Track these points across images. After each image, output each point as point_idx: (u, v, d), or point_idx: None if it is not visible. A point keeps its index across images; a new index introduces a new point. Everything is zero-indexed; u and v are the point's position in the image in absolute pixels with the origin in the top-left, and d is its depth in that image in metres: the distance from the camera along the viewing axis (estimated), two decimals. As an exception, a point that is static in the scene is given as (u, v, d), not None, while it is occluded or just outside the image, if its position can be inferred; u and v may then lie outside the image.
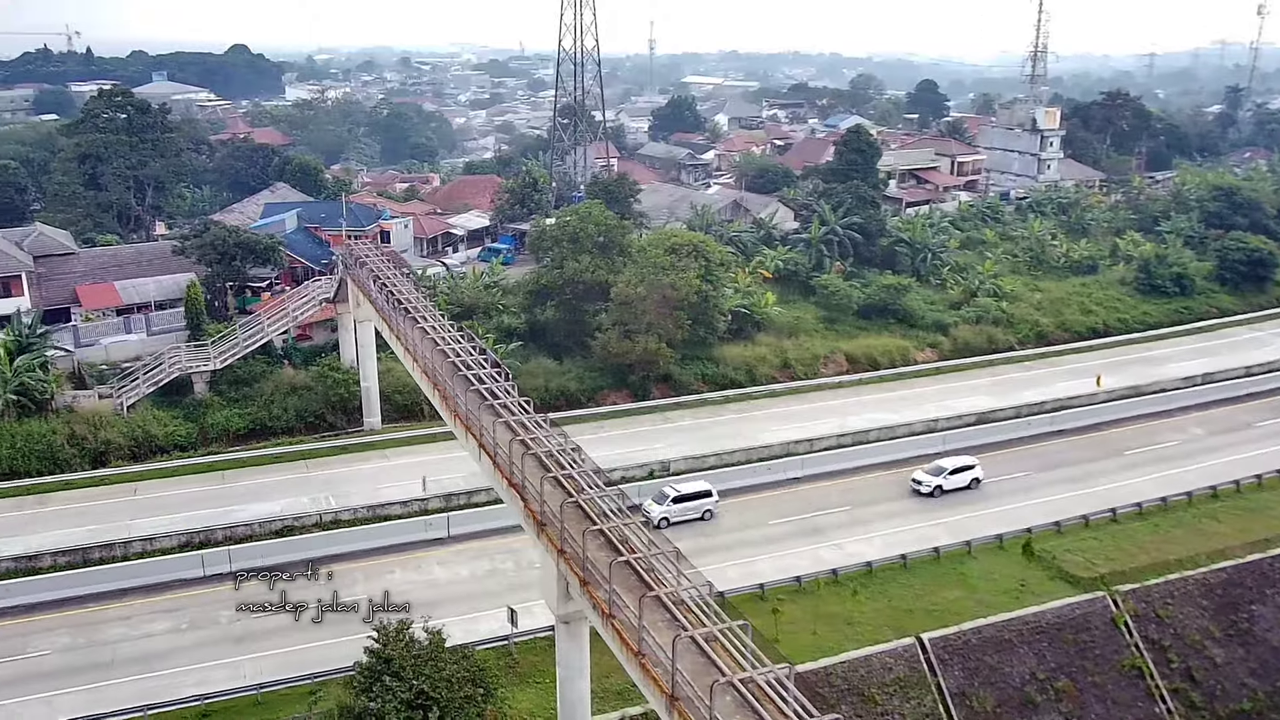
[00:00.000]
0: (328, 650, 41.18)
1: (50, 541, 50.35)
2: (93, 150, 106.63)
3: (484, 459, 38.75)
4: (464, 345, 45.20)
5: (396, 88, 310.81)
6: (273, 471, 59.30)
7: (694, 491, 54.67)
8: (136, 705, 38.42)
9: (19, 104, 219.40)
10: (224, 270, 78.52)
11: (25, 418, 61.24)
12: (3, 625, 44.49)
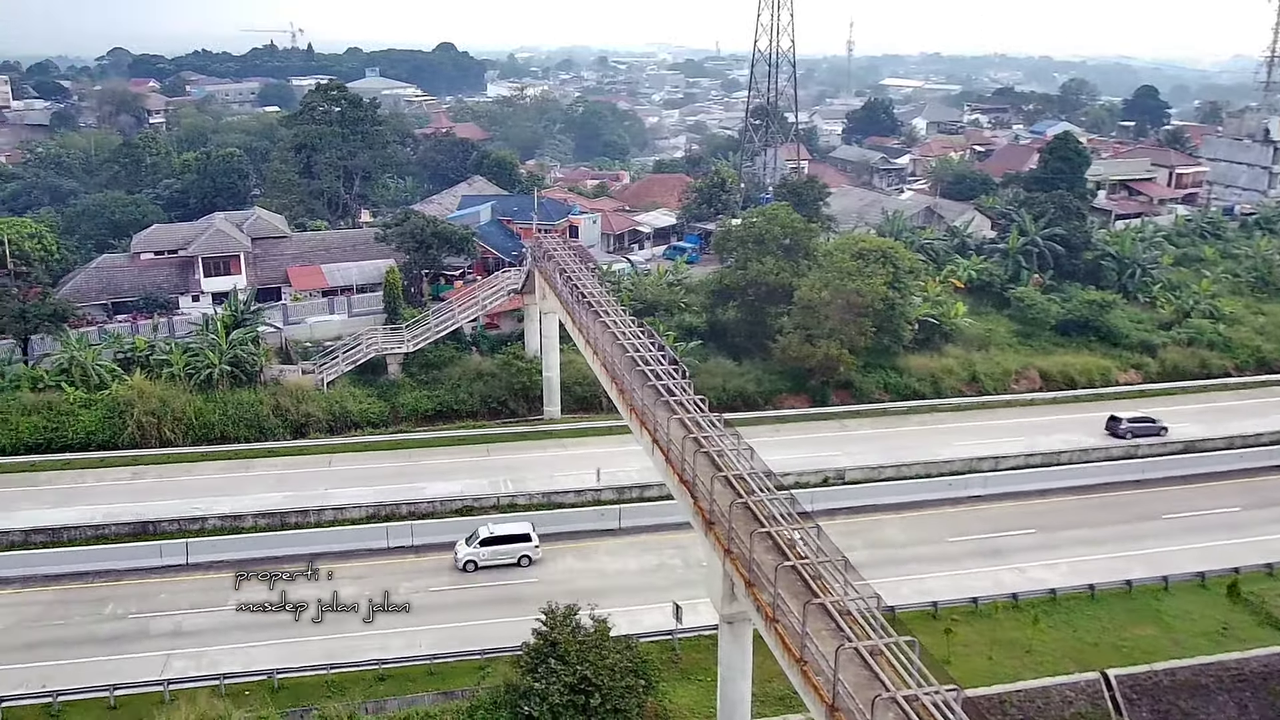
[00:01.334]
0: (499, 629, 42.80)
1: (253, 504, 54.47)
2: (308, 140, 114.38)
3: (656, 454, 39.37)
4: (643, 341, 46.02)
5: (593, 86, 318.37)
6: (455, 453, 62.04)
7: (509, 534, 49.97)
8: (322, 662, 41.08)
9: (246, 96, 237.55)
10: (421, 258, 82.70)
11: (237, 387, 66.46)
12: (209, 578, 48.43)
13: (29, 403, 63.93)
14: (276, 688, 40.32)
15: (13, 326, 71.90)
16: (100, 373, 67.00)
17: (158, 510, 53.82)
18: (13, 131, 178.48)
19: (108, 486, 57.58)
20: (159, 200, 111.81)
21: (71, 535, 51.93)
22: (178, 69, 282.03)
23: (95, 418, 63.39)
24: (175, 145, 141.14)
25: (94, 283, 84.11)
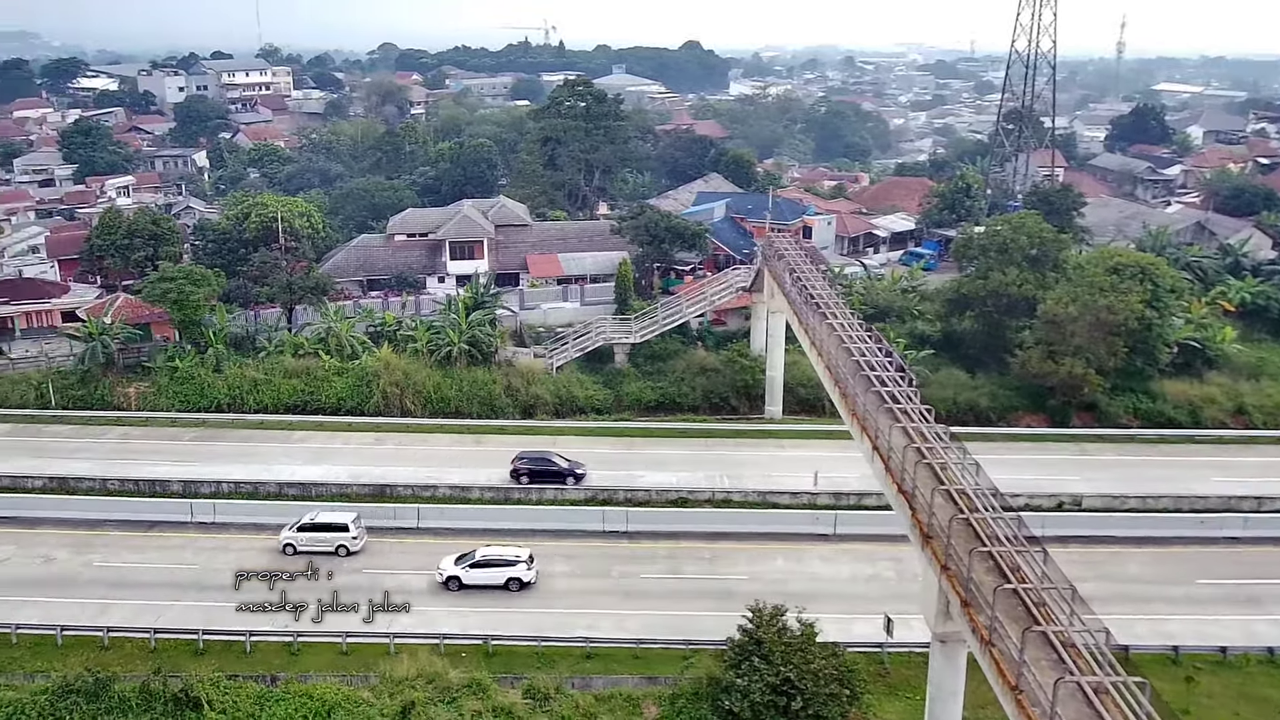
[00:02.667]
0: (705, 621, 43.31)
1: (481, 477, 57.56)
2: (553, 134, 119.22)
3: (876, 461, 38.65)
4: (870, 345, 45.24)
5: (837, 86, 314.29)
6: (674, 444, 63.15)
7: (326, 523, 50.59)
8: (532, 634, 42.98)
9: (499, 90, 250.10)
10: (653, 251, 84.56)
11: (473, 366, 70.38)
12: (437, 542, 51.56)
13: (290, 367, 70.32)
14: (490, 653, 42.53)
15: (281, 296, 79.19)
16: (353, 344, 72.71)
17: (395, 475, 57.90)
18: (292, 119, 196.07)
19: (353, 449, 62.46)
20: (414, 186, 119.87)
21: (319, 491, 56.66)
22: (439, 63, 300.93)
23: (346, 385, 68.97)
24: (432, 135, 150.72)
25: (352, 260, 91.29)
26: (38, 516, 54.26)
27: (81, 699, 38.25)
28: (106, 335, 71.72)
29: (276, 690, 39.57)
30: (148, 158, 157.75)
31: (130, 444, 63.57)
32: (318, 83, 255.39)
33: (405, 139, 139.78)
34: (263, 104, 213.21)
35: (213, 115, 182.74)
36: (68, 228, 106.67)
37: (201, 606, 45.75)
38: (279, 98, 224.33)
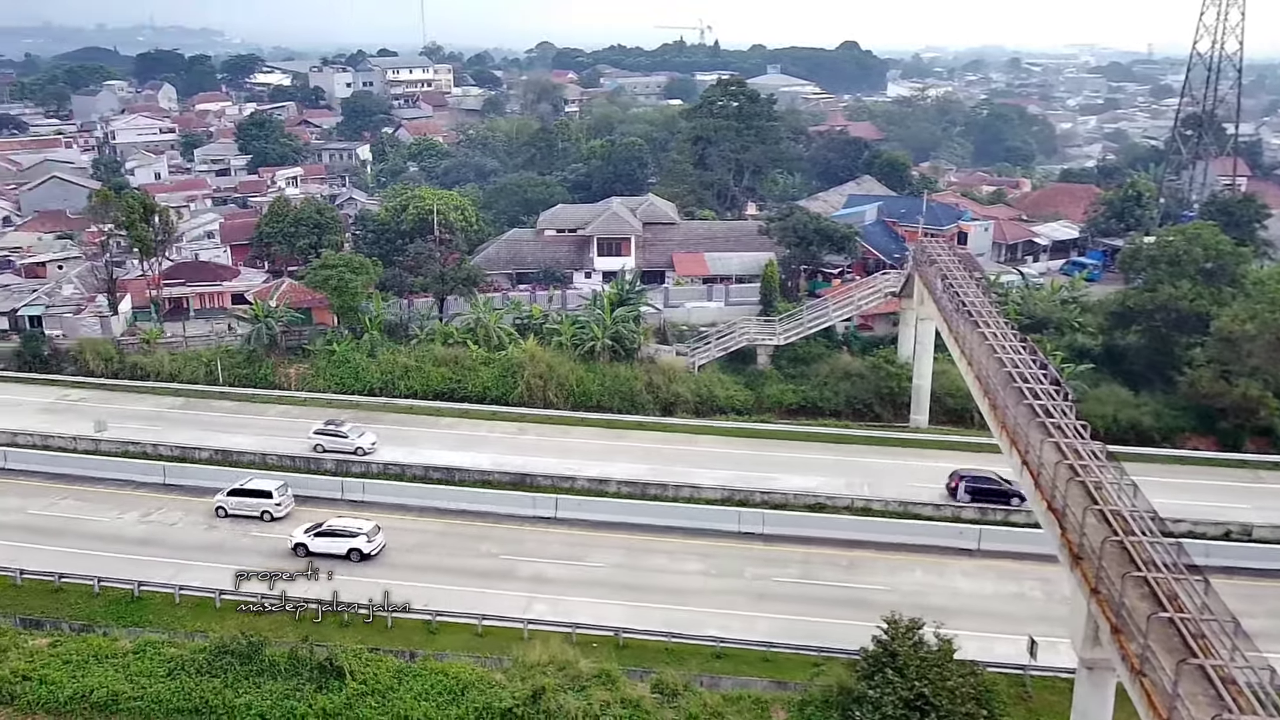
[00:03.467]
0: (836, 629, 42.78)
1: (619, 471, 58.30)
2: (704, 133, 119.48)
3: (1025, 476, 37.42)
4: (1024, 357, 43.75)
5: (1001, 88, 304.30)
6: (814, 449, 62.48)
7: (253, 489, 54.49)
8: (664, 630, 43.29)
9: (653, 89, 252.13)
10: (801, 253, 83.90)
11: (615, 361, 71.35)
12: (572, 533, 52.63)
13: (440, 355, 72.83)
14: (621, 645, 43.06)
15: (433, 287, 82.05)
16: (500, 335, 74.77)
17: (535, 465, 59.24)
18: (451, 115, 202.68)
19: (496, 438, 64.20)
20: (566, 182, 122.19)
21: (462, 477, 58.51)
22: (595, 62, 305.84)
23: (492, 375, 70.98)
24: (585, 133, 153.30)
25: (503, 253, 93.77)
26: (204, 485, 57.72)
27: (235, 660, 40.61)
28: (271, 318, 75.84)
29: (414, 666, 41.08)
30: (315, 150, 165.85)
31: (289, 422, 66.94)
32: (477, 80, 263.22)
33: (558, 136, 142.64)
34: (424, 100, 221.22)
35: (377, 110, 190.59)
36: (240, 215, 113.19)
37: (348, 581, 47.76)
38: (440, 94, 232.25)
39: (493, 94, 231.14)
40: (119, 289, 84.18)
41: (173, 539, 52.50)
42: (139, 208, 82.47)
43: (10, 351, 78.77)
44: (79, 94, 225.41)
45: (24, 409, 68.66)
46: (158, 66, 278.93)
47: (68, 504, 56.28)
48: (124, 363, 76.20)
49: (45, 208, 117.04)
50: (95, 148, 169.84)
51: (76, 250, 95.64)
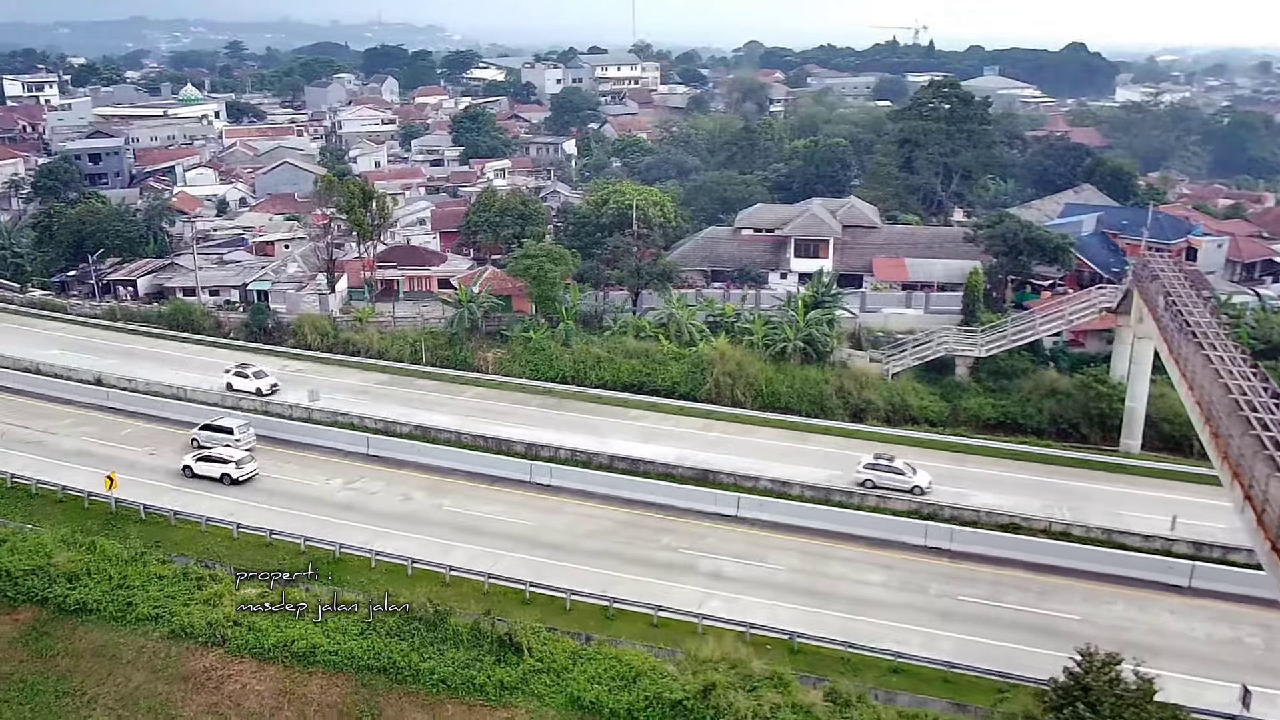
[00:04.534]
0: (1022, 655, 41.02)
1: (803, 475, 57.72)
2: (912, 135, 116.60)
3: (1248, 513, 34.72)
4: (1253, 384, 40.54)
5: (1246, 95, 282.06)
6: (1011, 467, 59.94)
7: (219, 425, 62.34)
8: (840, 639, 42.63)
9: (861, 90, 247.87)
10: (1009, 263, 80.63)
11: (806, 364, 70.75)
12: (752, 533, 52.54)
13: (631, 348, 74.17)
14: (795, 649, 42.69)
15: (629, 280, 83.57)
16: (692, 331, 75.45)
17: (719, 462, 59.43)
18: (656, 112, 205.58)
19: (681, 432, 64.79)
20: (766, 182, 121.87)
21: (645, 469, 59.35)
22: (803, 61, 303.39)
23: (681, 370, 71.75)
24: (788, 132, 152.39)
25: (699, 251, 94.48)
26: (402, 459, 61.08)
27: (422, 626, 42.72)
28: (474, 303, 79.22)
29: (589, 649, 42.07)
30: (524, 144, 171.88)
31: (484, 404, 69.84)
32: (683, 78, 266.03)
33: (761, 135, 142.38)
34: (631, 97, 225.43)
35: (584, 106, 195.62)
36: (450, 204, 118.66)
37: (530, 560, 49.52)
38: (646, 91, 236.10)
39: (698, 92, 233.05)
40: (337, 269, 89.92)
41: (372, 507, 55.73)
42: (359, 193, 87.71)
43: (239, 322, 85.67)
44: (312, 86, 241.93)
45: (249, 376, 74.39)
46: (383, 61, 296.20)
47: (285, 466, 60.64)
48: (337, 338, 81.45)
49: (277, 191, 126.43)
50: (324, 136, 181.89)
51: (302, 231, 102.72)
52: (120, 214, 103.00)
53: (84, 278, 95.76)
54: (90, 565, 47.16)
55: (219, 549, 51.41)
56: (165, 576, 46.91)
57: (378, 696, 40.45)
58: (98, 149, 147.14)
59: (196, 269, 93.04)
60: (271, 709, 40.51)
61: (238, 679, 41.58)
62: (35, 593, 45.75)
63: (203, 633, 43.23)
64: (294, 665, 41.67)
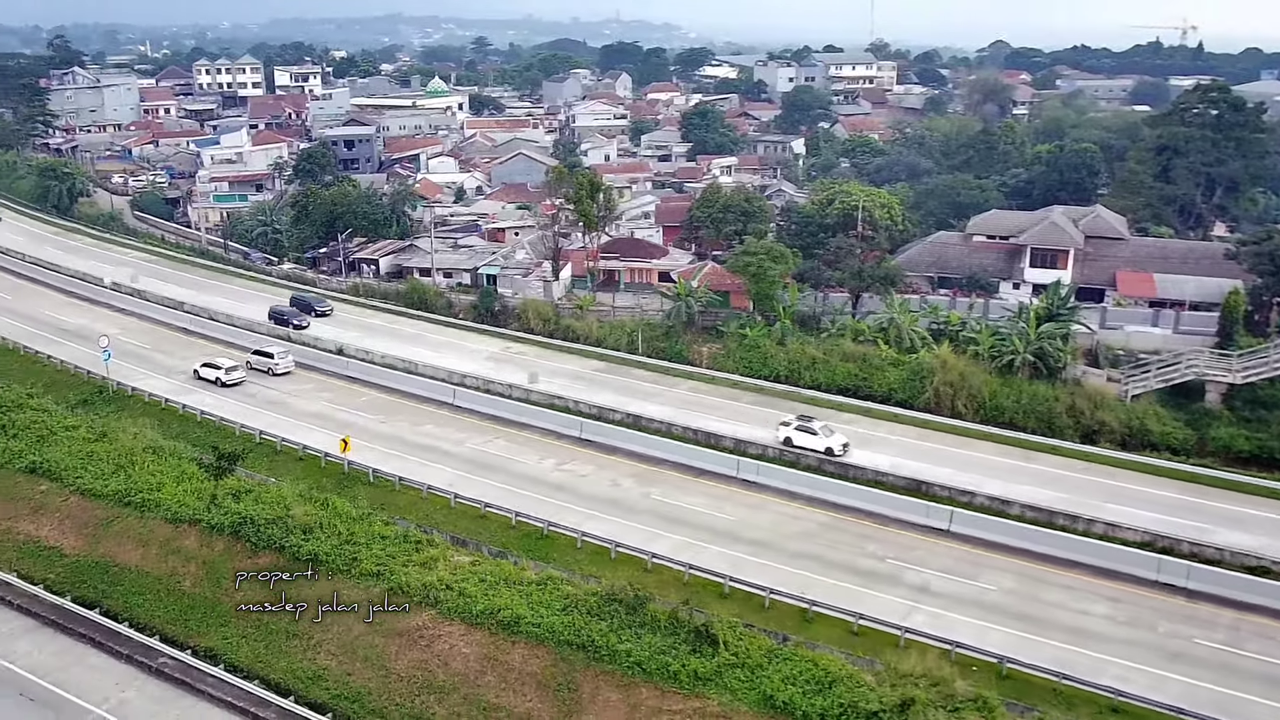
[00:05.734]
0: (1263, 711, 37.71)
1: (1023, 494, 55.17)
2: (1172, 142, 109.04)
3: None
4: None
5: None
6: (1265, 505, 54.91)
7: (264, 350, 75.63)
8: (1054, 668, 40.51)
9: (1116, 93, 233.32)
10: (1276, 283, 74.14)
11: (1035, 379, 67.59)
12: (964, 549, 50.69)
13: (848, 351, 73.22)
14: (1003, 674, 40.92)
15: (850, 282, 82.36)
16: (913, 338, 73.63)
17: (933, 474, 57.64)
18: (890, 113, 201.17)
19: (895, 440, 63.29)
20: (1003, 188, 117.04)
21: (854, 474, 58.28)
22: (1052, 63, 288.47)
23: (899, 377, 70.14)
24: (1031, 137, 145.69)
25: (925, 256, 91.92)
26: (613, 445, 62.67)
27: (622, 608, 43.66)
28: (692, 297, 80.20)
29: (786, 649, 41.80)
30: (752, 142, 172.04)
31: (696, 397, 70.60)
32: (921, 78, 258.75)
33: (1001, 139, 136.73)
34: (864, 97, 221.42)
35: (815, 105, 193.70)
36: (675, 199, 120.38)
37: (731, 555, 49.75)
38: (880, 91, 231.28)
39: (935, 92, 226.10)
40: (562, 258, 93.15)
41: (582, 489, 57.47)
42: (587, 185, 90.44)
43: (469, 304, 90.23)
44: (549, 80, 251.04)
45: (475, 355, 78.42)
46: (618, 57, 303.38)
47: (499, 444, 63.54)
48: (558, 324, 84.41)
49: (511, 180, 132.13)
50: (558, 129, 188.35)
51: (532, 220, 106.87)
52: (368, 197, 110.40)
53: (333, 255, 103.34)
54: (323, 520, 50.93)
55: (437, 516, 54.49)
56: (387, 537, 50.06)
57: (575, 672, 41.68)
58: (352, 136, 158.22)
59: (433, 251, 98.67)
60: (476, 672, 42.50)
61: (446, 640, 43.86)
62: (275, 541, 49.84)
63: (418, 593, 45.83)
64: (499, 633, 43.52)
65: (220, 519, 51.43)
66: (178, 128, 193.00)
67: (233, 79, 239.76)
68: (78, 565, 51.72)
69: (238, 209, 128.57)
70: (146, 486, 54.97)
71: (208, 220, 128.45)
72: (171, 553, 50.95)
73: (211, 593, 48.59)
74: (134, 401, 70.59)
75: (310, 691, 42.59)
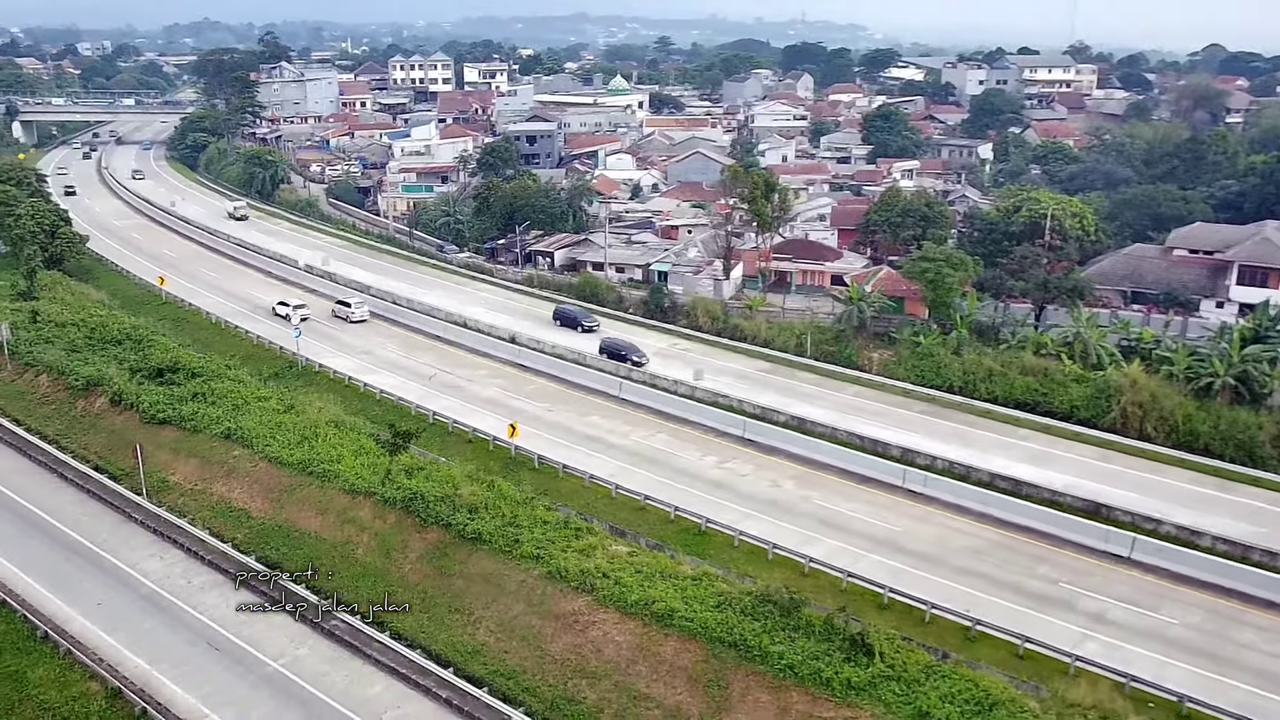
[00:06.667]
0: None
1: (1216, 525, 51.80)
2: None
3: None
4: None
5: None
6: None
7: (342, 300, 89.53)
8: (1240, 713, 37.94)
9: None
10: None
11: (1236, 404, 63.36)
12: (1146, 579, 48.04)
13: (1028, 364, 70.52)
14: (1183, 715, 38.66)
15: (1034, 293, 79.31)
16: (1100, 354, 70.27)
17: (1114, 497, 54.82)
18: (1087, 118, 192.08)
19: (1073, 460, 60.44)
20: (1211, 200, 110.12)
21: (1028, 492, 56.06)
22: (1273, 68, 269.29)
23: (1083, 394, 67.06)
24: (1245, 146, 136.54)
25: (1119, 269, 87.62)
26: (775, 446, 62.30)
27: (775, 610, 43.40)
28: (864, 302, 78.88)
29: (945, 666, 40.67)
30: (936, 145, 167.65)
31: (862, 403, 69.38)
32: (1124, 83, 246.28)
33: (1211, 148, 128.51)
34: (1060, 101, 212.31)
35: (1006, 109, 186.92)
36: (852, 202, 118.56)
37: (892, 565, 48.74)
38: (1078, 96, 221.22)
39: (1139, 98, 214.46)
40: (734, 257, 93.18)
41: (741, 488, 57.42)
42: (762, 185, 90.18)
43: (639, 299, 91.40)
44: (730, 80, 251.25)
45: (645, 351, 79.29)
46: (801, 58, 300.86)
47: (662, 438, 64.16)
48: (726, 323, 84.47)
49: (686, 179, 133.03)
50: (736, 129, 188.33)
51: (705, 219, 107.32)
52: (547, 192, 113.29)
53: (510, 246, 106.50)
54: (488, 501, 52.67)
55: (598, 505, 55.49)
56: (549, 522, 51.34)
57: (726, 669, 41.70)
58: (534, 132, 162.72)
59: (606, 246, 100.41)
60: (628, 660, 43.09)
61: (600, 627, 44.63)
62: (442, 518, 51.85)
63: (575, 579, 46.79)
64: (652, 624, 43.97)
65: (393, 493, 53.92)
66: (372, 120, 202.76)
67: (424, 75, 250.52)
68: (263, 527, 55.16)
69: (423, 199, 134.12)
70: (327, 458, 58.18)
71: (395, 209, 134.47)
72: (347, 522, 53.73)
73: (382, 563, 50.99)
74: (320, 377, 74.81)
75: (469, 665, 44.09)
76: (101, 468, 61.78)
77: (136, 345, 76.33)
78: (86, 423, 67.70)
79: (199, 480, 59.77)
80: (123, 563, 51.25)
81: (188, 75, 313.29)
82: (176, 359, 71.93)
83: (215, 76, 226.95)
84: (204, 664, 43.44)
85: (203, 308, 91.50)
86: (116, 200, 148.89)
